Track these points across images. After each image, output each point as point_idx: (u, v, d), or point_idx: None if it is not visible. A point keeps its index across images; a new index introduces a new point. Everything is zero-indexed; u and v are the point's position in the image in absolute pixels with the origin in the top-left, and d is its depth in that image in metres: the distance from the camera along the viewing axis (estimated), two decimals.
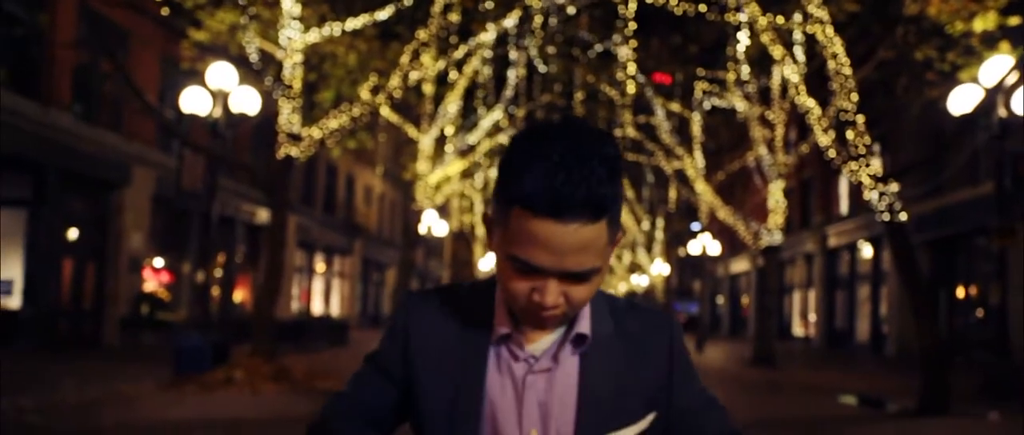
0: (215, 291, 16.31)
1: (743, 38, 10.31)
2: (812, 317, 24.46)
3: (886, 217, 7.90)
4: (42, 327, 11.31)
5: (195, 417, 6.26)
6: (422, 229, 16.33)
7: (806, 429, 7.13)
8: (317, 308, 23.30)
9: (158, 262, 15.27)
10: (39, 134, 11.01)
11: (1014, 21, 9.10)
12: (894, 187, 7.94)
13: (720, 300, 35.93)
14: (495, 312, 0.99)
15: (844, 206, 21.30)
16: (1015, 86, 9.01)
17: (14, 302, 11.45)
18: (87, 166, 12.21)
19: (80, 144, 11.95)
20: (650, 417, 0.97)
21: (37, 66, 11.29)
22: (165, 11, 10.54)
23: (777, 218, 14.11)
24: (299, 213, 20.24)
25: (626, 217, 24.40)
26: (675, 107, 15.53)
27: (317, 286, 23.72)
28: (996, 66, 8.87)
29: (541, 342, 0.98)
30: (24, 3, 11.06)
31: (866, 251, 20.30)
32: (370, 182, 27.62)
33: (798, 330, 26.15)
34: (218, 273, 16.92)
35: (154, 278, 15.14)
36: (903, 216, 7.89)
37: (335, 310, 24.90)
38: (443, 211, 21.40)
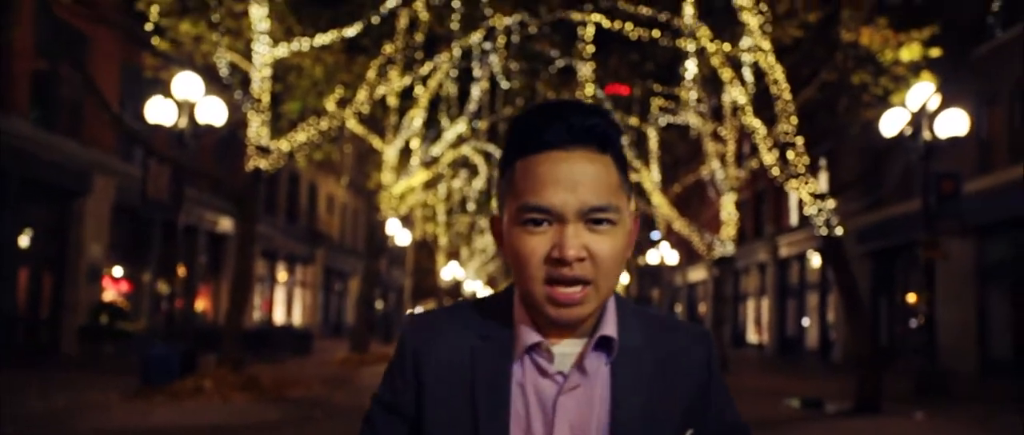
0: (178, 301, 16.18)
1: (691, 67, 10.89)
2: (765, 324, 25.38)
3: (824, 231, 8.51)
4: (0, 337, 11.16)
5: (168, 425, 6.40)
6: (388, 239, 16.51)
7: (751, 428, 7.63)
8: (279, 317, 23.16)
9: (117, 271, 15.10)
10: None
11: (935, 53, 9.89)
12: (831, 204, 8.56)
13: (678, 308, 36.85)
14: (516, 323, 0.90)
15: (794, 218, 22.26)
16: (937, 112, 9.82)
17: None
18: (46, 173, 12.10)
19: (39, 151, 11.84)
20: (689, 433, 0.91)
21: None
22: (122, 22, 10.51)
23: (729, 230, 14.78)
24: (261, 222, 20.17)
25: None
26: (633, 121, 16.13)
27: (279, 295, 23.59)
28: (920, 93, 9.65)
29: (565, 351, 0.89)
30: None
31: (815, 261, 21.26)
32: (332, 191, 27.59)
33: (753, 337, 27.07)
34: (179, 283, 16.79)
35: (113, 287, 14.97)
36: (839, 230, 8.51)
37: (297, 319, 24.77)
38: (406, 221, 21.58)
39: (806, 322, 21.51)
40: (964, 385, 12.12)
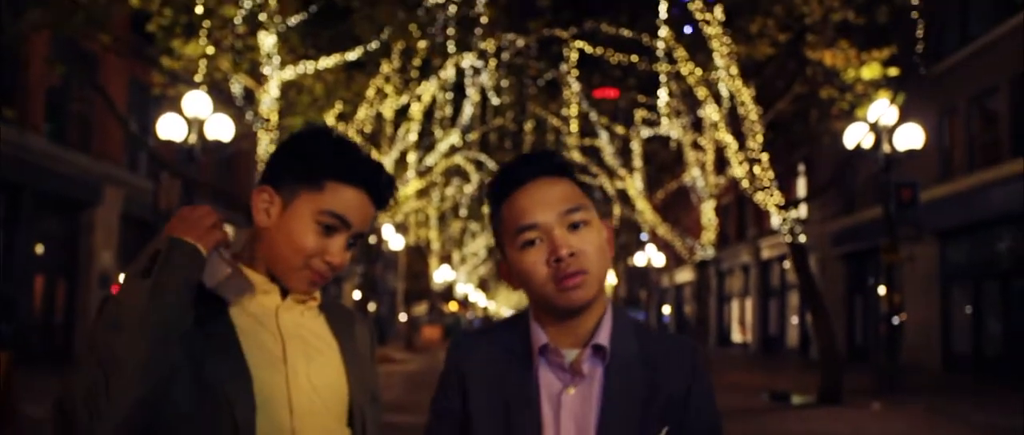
0: None
1: (663, 95, 11.66)
2: (748, 324, 26.23)
3: (788, 238, 9.30)
4: (17, 342, 11.75)
5: None
6: (383, 244, 17.22)
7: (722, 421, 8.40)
8: None
9: (121, 278, 15.69)
10: (14, 155, 11.51)
11: (893, 72, 10.71)
12: (794, 213, 9.36)
13: (666, 309, 37.68)
14: (532, 334, 1.07)
15: (775, 220, 23.15)
16: (895, 126, 10.65)
17: None
18: (59, 186, 12.71)
19: (53, 164, 12.46)
20: (664, 431, 1.04)
21: (12, 90, 11.80)
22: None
23: (709, 235, 15.57)
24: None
25: None
26: (619, 129, 16.90)
27: None
28: (880, 108, 10.47)
29: (571, 357, 1.06)
30: None
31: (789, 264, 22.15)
32: None
33: (737, 336, 27.89)
34: None
35: None
36: (803, 238, 9.30)
37: None
38: (400, 226, 22.26)
39: (795, 321, 22.32)
40: (926, 379, 12.96)
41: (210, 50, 10.15)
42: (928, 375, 13.94)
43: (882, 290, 13.08)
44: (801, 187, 21.12)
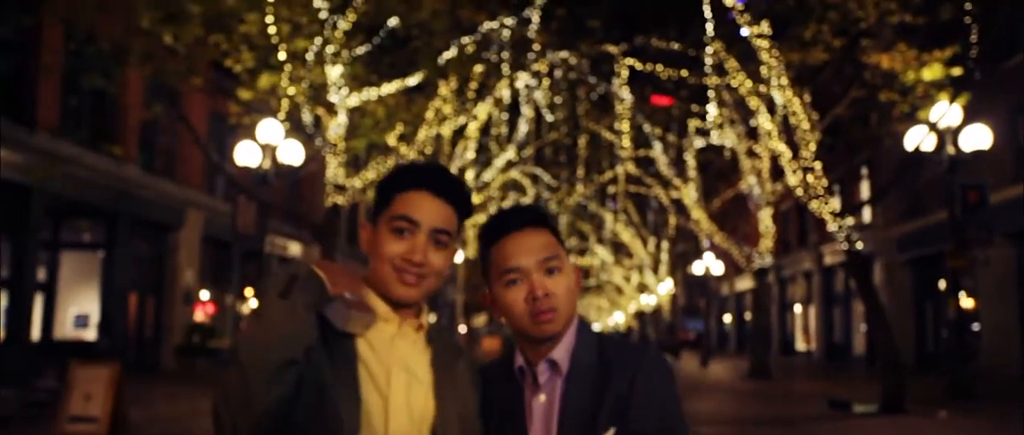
0: None
1: (712, 109, 11.74)
2: (812, 331, 25.57)
3: (845, 246, 9.27)
4: (115, 356, 12.82)
5: None
6: None
7: (778, 427, 8.44)
8: None
9: (204, 294, 16.79)
10: (112, 186, 12.62)
11: (956, 72, 10.49)
12: (850, 221, 9.32)
13: (727, 317, 37.00)
14: (514, 356, 1.30)
15: (831, 227, 22.57)
16: (959, 128, 10.43)
17: (90, 334, 12.97)
18: (150, 211, 13.81)
19: (144, 192, 13.56)
20: (611, 431, 1.18)
21: (112, 127, 12.95)
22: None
23: (767, 242, 15.44)
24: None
25: (634, 241, 25.61)
26: (672, 138, 16.99)
27: None
28: (941, 109, 10.28)
29: (540, 373, 1.26)
30: (101, 73, 12.74)
31: None
32: None
33: (801, 345, 27.22)
34: (255, 304, 18.43)
35: (201, 309, 16.65)
36: (859, 245, 9.25)
37: None
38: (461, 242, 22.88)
39: (862, 328, 21.69)
40: (1002, 387, 12.47)
41: (287, 86, 10.89)
42: (1006, 382, 13.39)
43: (950, 296, 12.70)
44: (864, 190, 20.58)
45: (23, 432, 6.62)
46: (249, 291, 17.58)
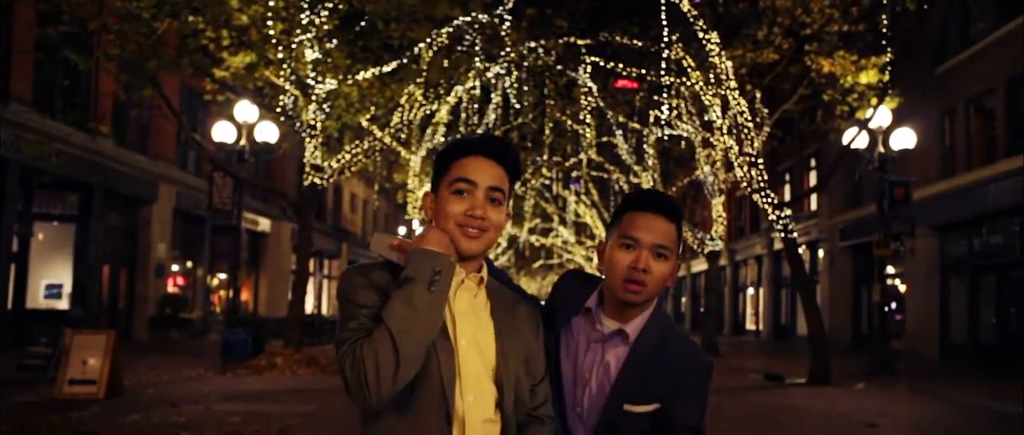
0: (224, 293, 18.18)
1: (665, 109, 12.54)
2: (761, 313, 27.00)
3: (782, 235, 10.22)
4: (88, 326, 13.13)
5: (258, 390, 8.28)
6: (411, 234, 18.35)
7: (715, 395, 9.38)
8: (310, 307, 25.15)
9: (174, 267, 17.08)
10: (87, 159, 12.83)
11: (885, 78, 11.48)
12: (788, 212, 10.26)
13: (684, 299, 38.48)
14: (591, 296, 1.50)
15: (771, 217, 23.84)
16: (889, 129, 11.47)
17: (62, 304, 13.25)
18: (123, 185, 14.04)
19: (117, 166, 13.77)
20: (654, 405, 1.42)
21: (86, 101, 13.10)
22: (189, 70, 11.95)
23: (718, 229, 16.44)
24: (294, 220, 22.10)
25: (596, 222, 26.59)
26: (634, 125, 17.79)
27: (309, 287, 25.57)
28: (874, 112, 11.28)
29: (609, 326, 1.47)
30: (75, 49, 12.86)
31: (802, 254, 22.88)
32: (355, 189, 29.52)
33: (751, 325, 28.67)
34: (223, 276, 18.77)
35: (172, 281, 16.95)
36: (794, 234, 10.21)
37: (325, 309, 26.77)
38: (429, 221, 23.39)
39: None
40: (922, 366, 13.76)
41: (263, 68, 11.20)
42: (925, 362, 14.72)
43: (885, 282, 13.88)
44: (813, 180, 21.81)
45: (23, 393, 7.08)
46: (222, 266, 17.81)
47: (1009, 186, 12.91)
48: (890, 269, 17.81)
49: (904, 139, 11.62)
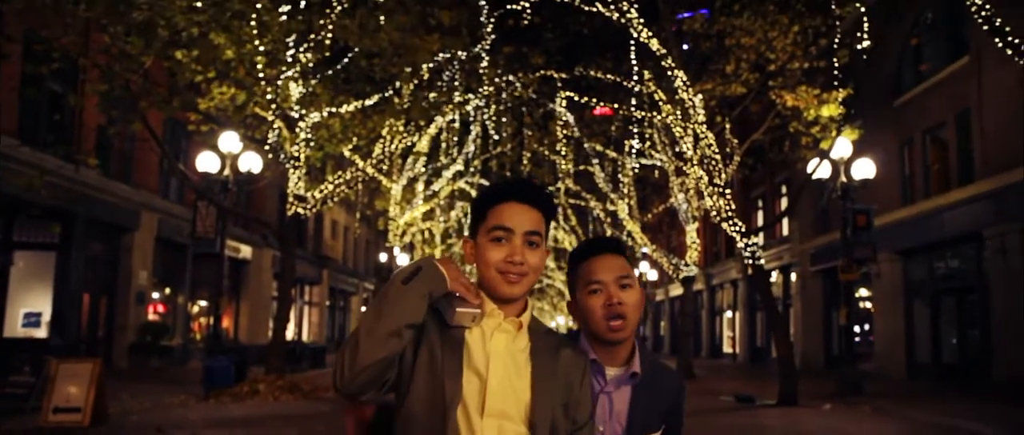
0: (204, 320, 18.18)
1: (635, 143, 13.08)
2: (738, 336, 27.45)
3: (750, 262, 10.67)
4: (67, 354, 13.12)
5: (241, 417, 8.43)
6: (393, 262, 18.53)
7: (687, 418, 9.69)
8: (290, 334, 25.10)
9: (154, 295, 17.09)
10: (70, 188, 12.94)
11: (841, 110, 12.10)
12: (756, 240, 10.73)
13: (663, 324, 38.89)
14: (586, 351, 1.53)
15: (760, 237, 24.47)
16: (850, 160, 12.05)
17: (41, 333, 13.24)
18: (106, 213, 14.14)
19: (100, 194, 13.89)
20: (660, 430, 1.57)
21: (70, 133, 13.26)
22: (175, 103, 12.20)
23: (693, 254, 16.91)
24: (275, 248, 22.19)
25: (571, 244, 27.09)
26: (611, 153, 18.31)
27: (291, 314, 25.53)
28: (835, 143, 11.87)
29: (611, 372, 1.55)
30: (61, 81, 13.03)
31: (776, 279, 23.45)
32: (336, 216, 29.67)
33: (727, 348, 29.12)
34: (204, 303, 18.77)
35: (152, 309, 16.95)
36: (762, 261, 10.67)
37: (305, 335, 26.70)
38: (408, 246, 23.64)
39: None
40: (889, 386, 14.21)
41: (244, 100, 11.47)
42: (893, 382, 15.19)
43: (852, 305, 14.39)
44: (784, 206, 22.48)
45: (6, 421, 7.18)
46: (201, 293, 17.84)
47: (961, 214, 13.56)
48: (863, 292, 18.43)
49: (865, 169, 12.20)
